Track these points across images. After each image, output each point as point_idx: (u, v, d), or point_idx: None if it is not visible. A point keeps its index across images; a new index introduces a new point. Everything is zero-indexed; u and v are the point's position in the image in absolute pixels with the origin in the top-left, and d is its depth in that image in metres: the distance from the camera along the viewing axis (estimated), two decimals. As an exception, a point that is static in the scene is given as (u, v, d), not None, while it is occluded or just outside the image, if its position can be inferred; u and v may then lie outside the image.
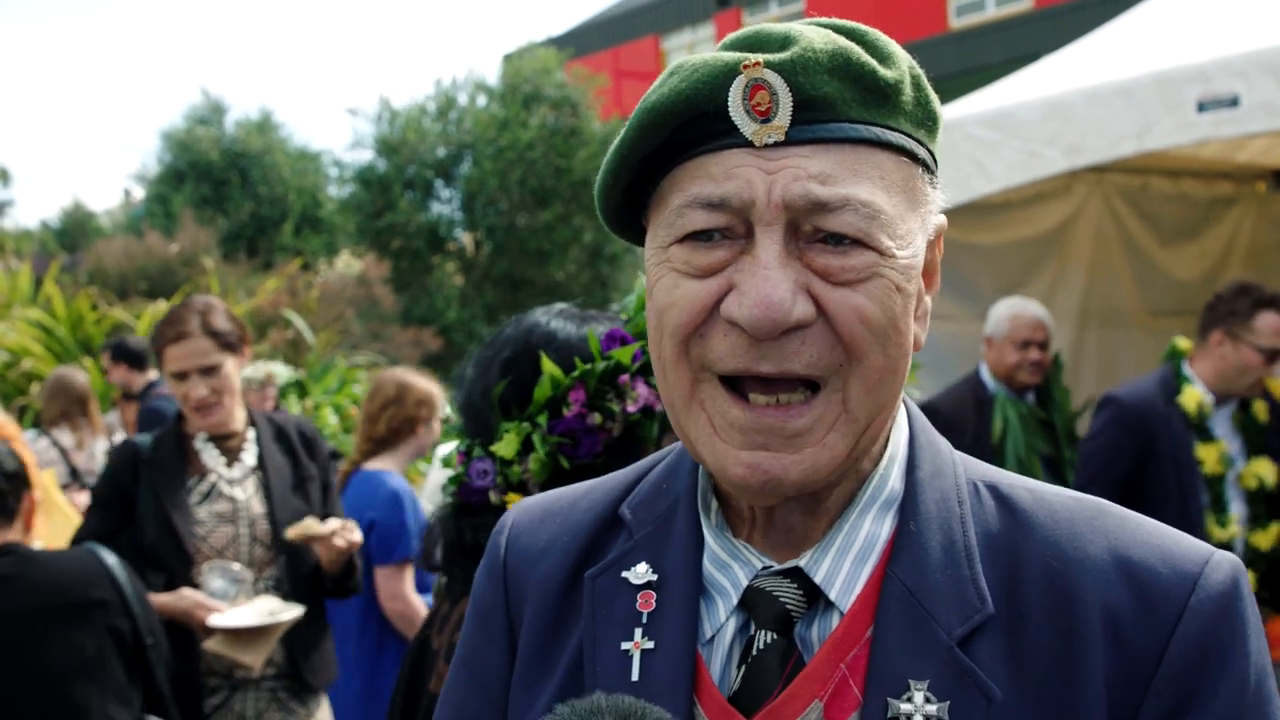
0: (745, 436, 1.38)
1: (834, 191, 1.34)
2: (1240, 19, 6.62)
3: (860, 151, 1.36)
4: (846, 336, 1.36)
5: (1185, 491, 5.60)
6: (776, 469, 1.37)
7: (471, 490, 2.50)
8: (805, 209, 1.34)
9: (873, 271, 1.35)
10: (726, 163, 1.36)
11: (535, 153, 30.68)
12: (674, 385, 1.44)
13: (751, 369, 1.36)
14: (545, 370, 2.46)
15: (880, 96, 1.37)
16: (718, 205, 1.36)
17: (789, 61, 1.34)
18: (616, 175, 1.46)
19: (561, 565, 1.63)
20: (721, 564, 1.52)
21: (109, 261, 21.10)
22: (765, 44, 1.40)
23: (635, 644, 1.51)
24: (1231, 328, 5.64)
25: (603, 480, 1.76)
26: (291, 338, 18.16)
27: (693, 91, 1.36)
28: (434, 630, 2.58)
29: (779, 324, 1.33)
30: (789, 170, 1.34)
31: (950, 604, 1.41)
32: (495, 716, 1.63)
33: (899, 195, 1.39)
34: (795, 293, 1.34)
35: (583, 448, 2.48)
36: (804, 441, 1.38)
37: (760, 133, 1.34)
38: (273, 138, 36.04)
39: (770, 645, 1.45)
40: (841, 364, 1.37)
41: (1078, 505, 1.48)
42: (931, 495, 1.49)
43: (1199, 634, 1.36)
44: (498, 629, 1.67)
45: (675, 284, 1.41)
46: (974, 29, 33.72)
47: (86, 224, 40.16)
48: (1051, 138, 6.46)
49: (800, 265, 1.35)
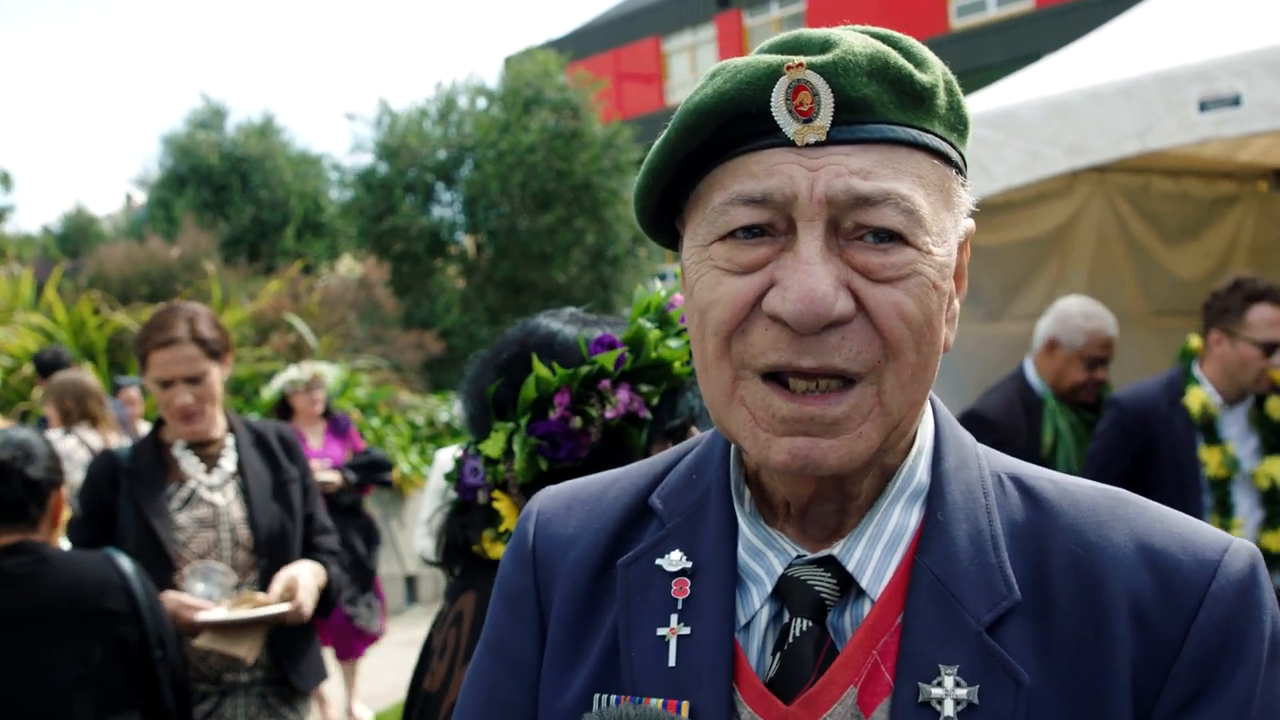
0: (787, 425, 1.41)
1: (876, 186, 1.37)
2: (1242, 18, 6.61)
3: (899, 151, 1.40)
4: (886, 333, 1.39)
5: (1186, 494, 5.58)
6: (816, 454, 1.40)
7: (464, 488, 2.52)
8: (847, 204, 1.37)
9: (912, 269, 1.39)
10: (768, 160, 1.39)
11: (536, 156, 30.68)
12: (715, 382, 1.47)
13: (793, 364, 1.39)
14: (534, 372, 2.47)
15: (916, 100, 1.41)
16: (760, 201, 1.39)
17: (831, 63, 1.37)
18: (658, 175, 1.49)
19: (592, 553, 1.66)
20: (756, 552, 1.55)
21: (111, 266, 21.11)
22: (806, 47, 1.43)
23: (671, 630, 1.54)
24: (1227, 325, 5.63)
25: (626, 471, 1.78)
26: (294, 341, 18.16)
27: (736, 92, 1.39)
28: (435, 628, 2.59)
29: (822, 318, 1.35)
30: (831, 167, 1.37)
31: (978, 591, 1.44)
32: (526, 697, 1.64)
33: (935, 194, 1.43)
34: (837, 288, 1.36)
35: (563, 451, 2.48)
36: (841, 429, 1.40)
37: (803, 132, 1.38)
38: (274, 142, 36.07)
39: (806, 633, 1.48)
40: (879, 360, 1.40)
41: (1100, 495, 1.52)
42: (957, 486, 1.53)
43: (1219, 620, 1.39)
44: (527, 613, 1.68)
45: (718, 281, 1.43)
46: (975, 29, 33.76)
47: (88, 229, 40.20)
48: (1053, 137, 6.46)
49: (841, 262, 1.38)
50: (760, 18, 39.79)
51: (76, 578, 3.95)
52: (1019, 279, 8.21)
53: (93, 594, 3.93)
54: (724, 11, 40.48)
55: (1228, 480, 5.63)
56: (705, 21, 41.51)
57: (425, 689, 2.51)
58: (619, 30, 44.20)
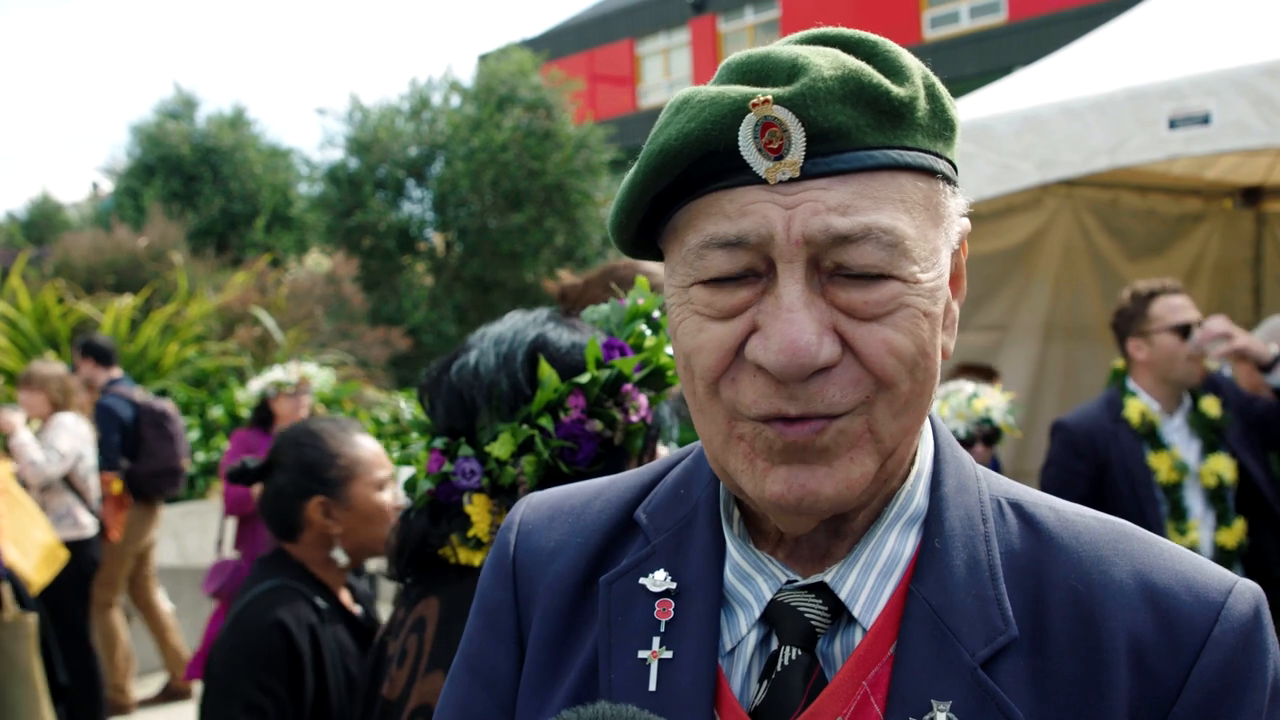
0: (782, 455, 1.35)
1: (855, 221, 1.30)
2: (1213, 37, 6.67)
3: (879, 177, 1.33)
4: (877, 370, 1.33)
5: (1143, 504, 5.61)
6: (812, 484, 1.35)
7: (453, 489, 2.47)
8: (826, 243, 1.30)
9: (899, 302, 1.33)
10: (741, 199, 1.33)
11: (508, 154, 30.63)
12: (712, 424, 1.41)
13: (781, 411, 1.33)
14: (543, 374, 2.44)
15: (895, 117, 1.34)
16: (735, 243, 1.32)
17: (799, 95, 1.30)
18: (630, 214, 1.43)
19: (574, 568, 1.60)
20: (744, 575, 1.50)
21: (76, 255, 20.96)
22: (772, 73, 1.35)
23: (653, 653, 1.48)
24: (1138, 329, 5.70)
25: (612, 481, 1.73)
26: (259, 335, 18.08)
27: (702, 131, 1.32)
28: (390, 635, 2.55)
29: (806, 368, 1.30)
30: (807, 205, 1.30)
31: (974, 624, 1.39)
32: (500, 715, 1.60)
33: (921, 215, 1.36)
34: (821, 334, 1.31)
35: (581, 454, 2.46)
36: (834, 455, 1.35)
37: (774, 170, 1.31)
38: (244, 134, 35.88)
39: (795, 661, 1.43)
40: (870, 393, 1.34)
41: (1102, 527, 1.47)
42: (956, 512, 1.48)
43: (1221, 665, 1.36)
44: (506, 630, 1.63)
45: (699, 327, 1.38)
46: (948, 40, 33.86)
47: (54, 217, 39.91)
48: (1025, 151, 6.49)
49: (824, 304, 1.33)
50: (735, 23, 39.84)
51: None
52: (984, 290, 8.24)
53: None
54: (698, 16, 40.50)
55: (1179, 485, 5.67)
56: (680, 25, 41.53)
57: (384, 696, 2.47)
58: (594, 31, 44.18)
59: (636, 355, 2.55)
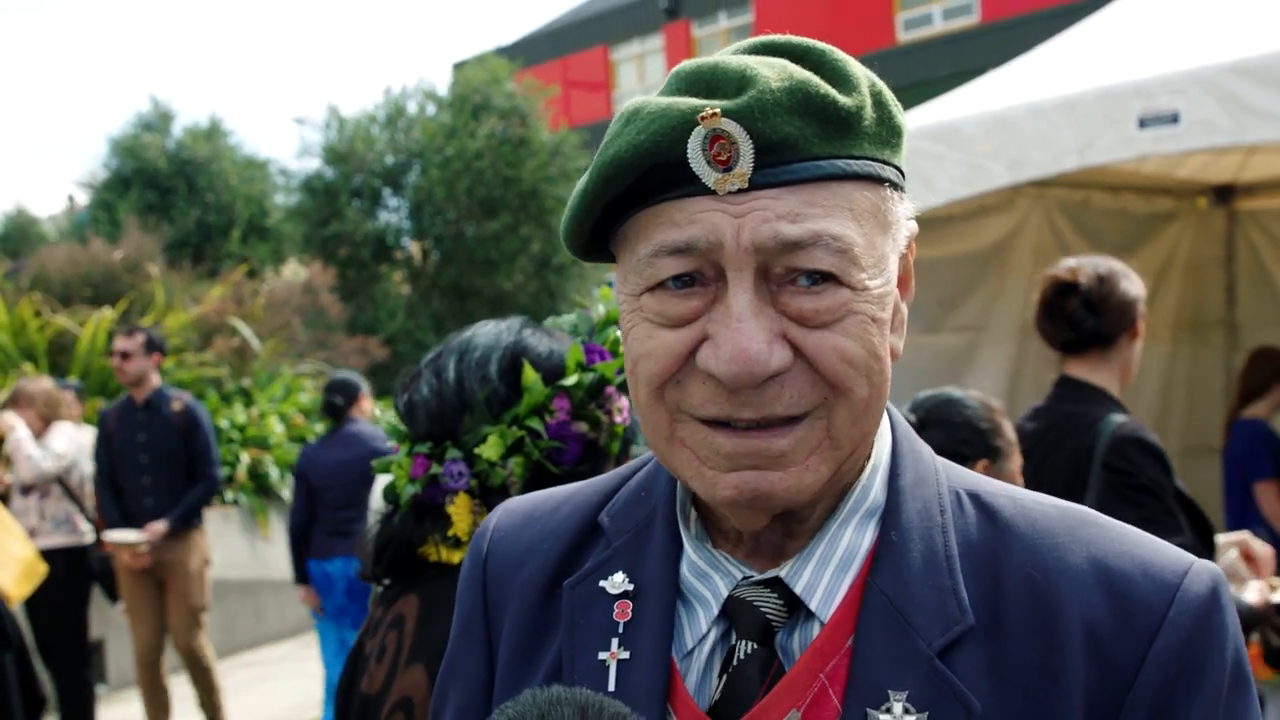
0: (732, 460, 1.37)
1: (805, 229, 1.32)
2: (1181, 37, 6.72)
3: (827, 186, 1.34)
4: (829, 376, 1.35)
5: None
6: (764, 486, 1.37)
7: (440, 490, 2.52)
8: (776, 250, 1.32)
9: (847, 310, 1.35)
10: (691, 209, 1.34)
11: (483, 162, 30.57)
12: (654, 426, 1.44)
13: (732, 416, 1.36)
14: (528, 379, 2.50)
15: (842, 127, 1.35)
16: (684, 250, 1.34)
17: (746, 107, 1.31)
18: (581, 222, 1.45)
19: (541, 572, 1.63)
20: (701, 574, 1.52)
21: (52, 268, 20.84)
22: (721, 84, 1.36)
23: (611, 654, 1.51)
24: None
25: (584, 485, 1.76)
26: (237, 345, 18.02)
27: (651, 144, 1.34)
28: (368, 635, 2.59)
29: (757, 376, 1.32)
30: (756, 213, 1.32)
31: (931, 614, 1.40)
32: (474, 716, 1.64)
33: (869, 223, 1.38)
34: (771, 342, 1.33)
35: (568, 455, 2.53)
36: (788, 461, 1.37)
37: (723, 181, 1.32)
38: (220, 145, 35.74)
39: (751, 655, 1.45)
40: (825, 397, 1.36)
41: (1060, 514, 1.48)
42: (913, 504, 1.49)
43: (1178, 647, 1.36)
44: (477, 634, 1.68)
45: (649, 334, 1.40)
46: (921, 43, 33.97)
47: (29, 230, 39.62)
48: (995, 152, 6.53)
49: (774, 311, 1.34)
50: (708, 28, 39.89)
51: None
52: (957, 292, 8.26)
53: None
54: (672, 21, 40.54)
55: None
56: (654, 31, 41.55)
57: (363, 691, 2.51)
58: (568, 38, 44.16)
59: (615, 360, 2.61)
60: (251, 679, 12.39)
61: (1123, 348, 4.77)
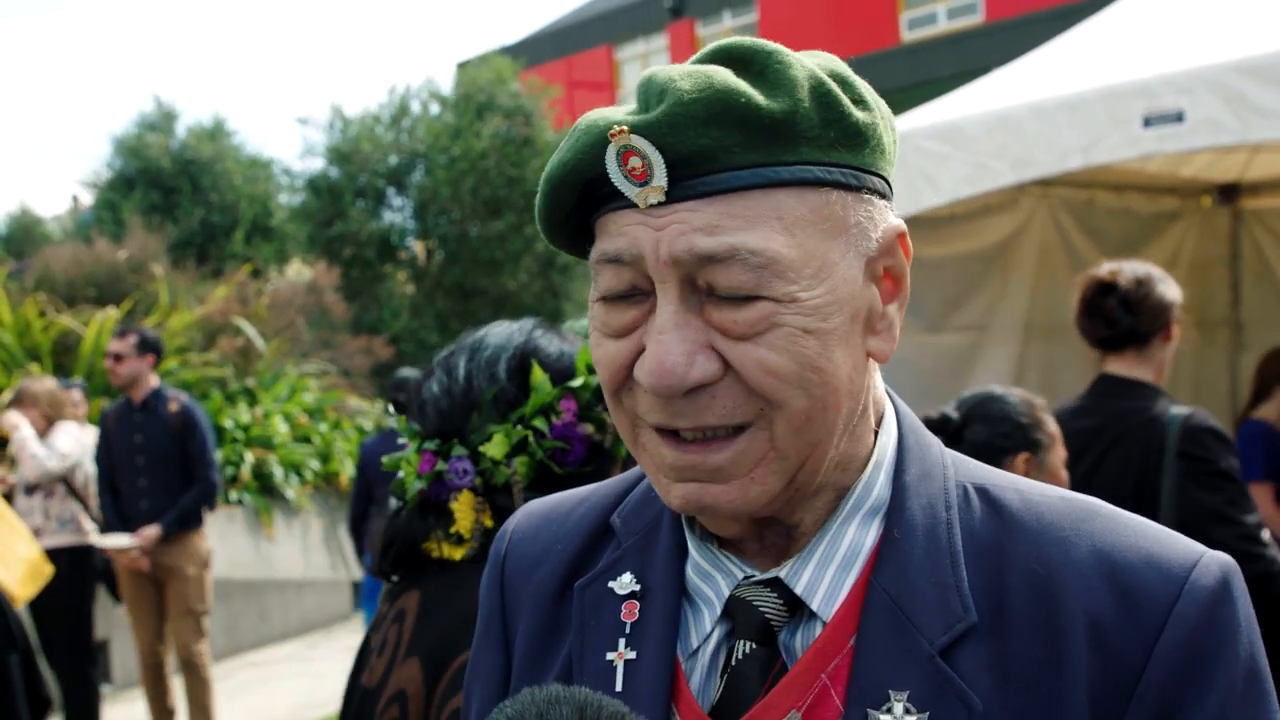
0: (677, 473, 1.40)
1: (720, 241, 1.31)
2: (1186, 36, 6.71)
3: (751, 196, 1.33)
4: (756, 388, 1.34)
5: None
6: (708, 498, 1.39)
7: (445, 487, 2.54)
8: (693, 263, 1.32)
9: (770, 322, 1.33)
10: (621, 221, 1.37)
11: (488, 162, 30.56)
12: (622, 430, 1.47)
13: (671, 424, 1.38)
14: (536, 379, 2.53)
15: (769, 134, 1.33)
16: (616, 261, 1.38)
17: (655, 123, 1.32)
18: (546, 226, 1.48)
19: (555, 573, 1.65)
20: (705, 574, 1.52)
21: (57, 268, 20.84)
22: (647, 98, 1.37)
23: (619, 654, 1.52)
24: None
25: (600, 487, 1.77)
26: (242, 345, 18.05)
27: (576, 161, 1.37)
28: (374, 630, 2.62)
29: (675, 389, 1.33)
30: (674, 226, 1.33)
31: (933, 612, 1.38)
32: None
33: (807, 231, 1.35)
34: (692, 354, 1.33)
35: (573, 455, 2.55)
36: (727, 475, 1.38)
37: (642, 195, 1.34)
38: (224, 145, 35.76)
39: (750, 655, 1.45)
40: (762, 408, 1.36)
41: (1066, 507, 1.45)
42: (918, 500, 1.47)
43: (1185, 641, 1.32)
44: (496, 637, 1.70)
45: (599, 342, 1.44)
46: (925, 42, 33.94)
47: (34, 230, 39.68)
48: (999, 151, 6.51)
49: (700, 322, 1.35)
50: (713, 27, 39.86)
51: None
52: (961, 291, 8.24)
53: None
54: (676, 21, 40.51)
55: None
56: (658, 30, 41.53)
57: (363, 685, 2.54)
58: (572, 38, 44.16)
59: None
60: (256, 679, 12.41)
61: (1157, 348, 4.96)
